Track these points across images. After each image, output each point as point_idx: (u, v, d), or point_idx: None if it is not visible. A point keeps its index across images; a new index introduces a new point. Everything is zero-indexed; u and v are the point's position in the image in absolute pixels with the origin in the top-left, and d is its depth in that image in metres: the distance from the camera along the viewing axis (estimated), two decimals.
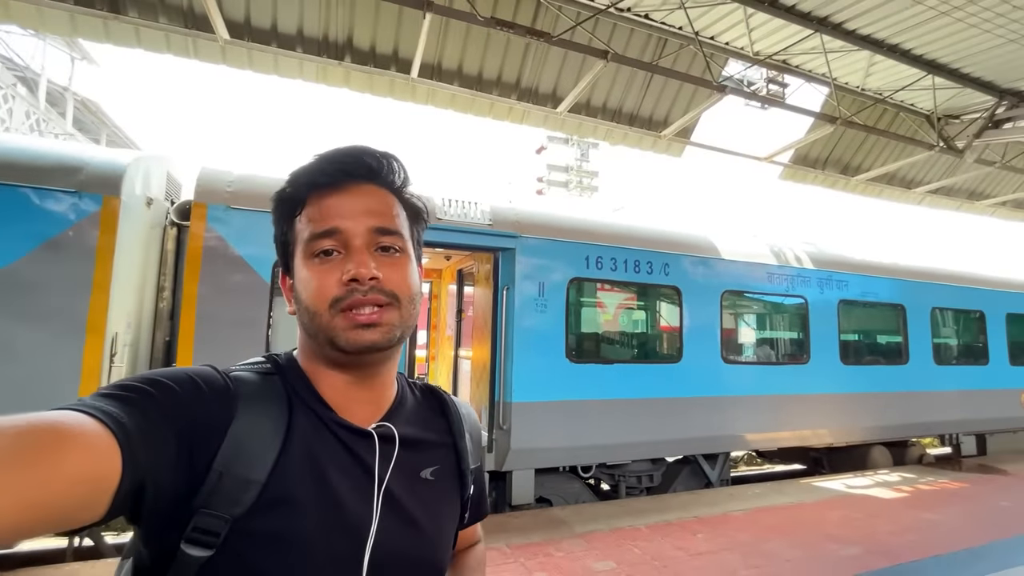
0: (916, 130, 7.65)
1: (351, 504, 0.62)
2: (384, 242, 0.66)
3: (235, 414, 0.59)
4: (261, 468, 0.58)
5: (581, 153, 32.61)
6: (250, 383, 0.63)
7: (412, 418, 0.74)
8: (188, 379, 0.59)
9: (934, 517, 4.77)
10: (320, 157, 0.67)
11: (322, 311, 0.63)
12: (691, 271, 5.91)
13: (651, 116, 6.77)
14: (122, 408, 0.51)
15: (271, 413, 0.62)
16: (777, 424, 6.18)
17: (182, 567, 0.54)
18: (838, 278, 6.94)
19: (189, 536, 0.54)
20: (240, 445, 0.58)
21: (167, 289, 4.32)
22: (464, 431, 0.79)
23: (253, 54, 4.97)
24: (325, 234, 0.64)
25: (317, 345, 0.65)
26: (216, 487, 0.55)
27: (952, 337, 8.02)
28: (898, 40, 5.85)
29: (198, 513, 0.55)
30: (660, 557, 3.77)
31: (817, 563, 3.69)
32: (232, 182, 4.30)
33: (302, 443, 0.62)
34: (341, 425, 0.65)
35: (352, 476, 0.63)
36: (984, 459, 7.62)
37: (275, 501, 0.58)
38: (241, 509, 0.56)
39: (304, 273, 0.65)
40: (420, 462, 0.71)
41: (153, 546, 0.56)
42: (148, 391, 0.54)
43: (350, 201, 0.66)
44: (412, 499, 0.68)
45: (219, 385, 0.61)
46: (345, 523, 0.61)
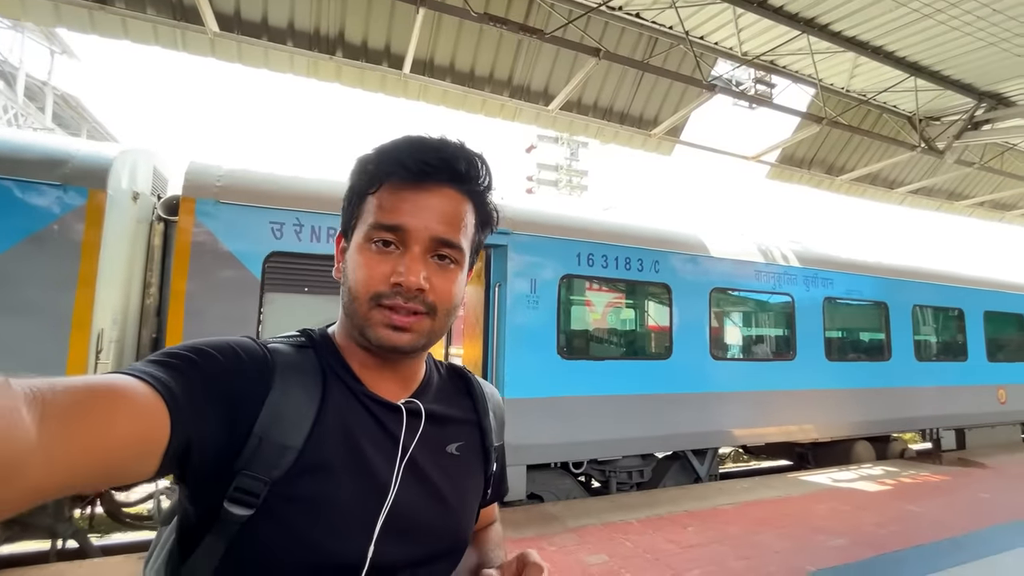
0: (899, 131, 7.81)
1: (379, 471, 0.65)
2: (442, 252, 0.67)
3: (273, 383, 0.62)
4: (297, 435, 0.61)
5: (571, 152, 32.73)
6: (286, 355, 0.66)
7: (439, 396, 0.76)
8: (230, 349, 0.62)
9: (917, 509, 4.88)
10: (410, 142, 0.66)
11: (362, 299, 0.65)
12: (681, 268, 5.97)
13: (641, 115, 6.83)
14: (170, 374, 0.54)
15: (306, 384, 0.64)
16: (764, 420, 6.27)
17: (225, 524, 0.57)
18: (823, 276, 7.06)
19: (232, 496, 0.57)
20: (278, 413, 0.60)
21: (154, 285, 4.25)
22: (489, 409, 0.81)
23: (243, 47, 4.90)
24: (388, 228, 0.65)
25: (351, 326, 0.68)
26: (256, 451, 0.58)
27: (932, 334, 8.20)
28: (882, 42, 5.98)
29: (239, 475, 0.58)
30: (652, 550, 3.81)
31: (805, 554, 3.76)
32: (221, 176, 4.25)
33: (336, 413, 0.65)
34: (372, 399, 0.68)
35: (381, 446, 0.66)
36: (963, 453, 7.81)
37: (311, 466, 0.61)
38: (279, 472, 0.59)
39: (358, 256, 0.66)
40: (446, 437, 0.74)
41: (199, 504, 0.59)
42: (193, 359, 0.58)
43: (424, 201, 0.66)
44: (437, 471, 0.70)
45: (258, 356, 0.63)
46: (372, 488, 0.64)
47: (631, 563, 3.58)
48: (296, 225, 4.35)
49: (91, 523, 4.61)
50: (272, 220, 4.28)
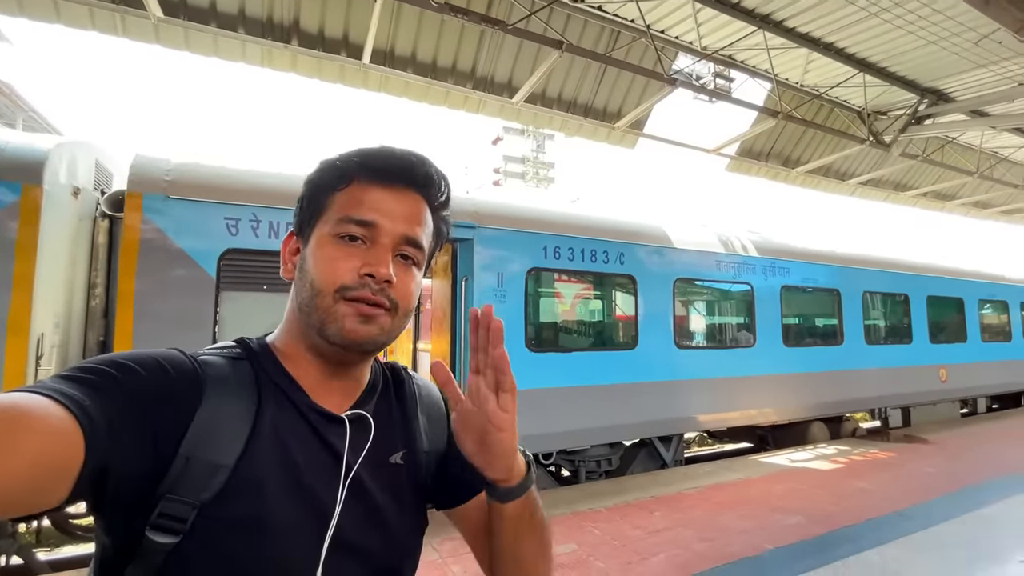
0: (849, 125, 8.14)
1: (318, 489, 0.62)
2: (407, 251, 0.67)
3: (202, 398, 0.58)
4: (229, 453, 0.57)
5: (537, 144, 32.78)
6: (218, 367, 0.62)
7: (382, 402, 0.73)
8: (154, 362, 0.57)
9: (867, 485, 5.16)
10: (383, 148, 0.69)
11: (326, 293, 0.63)
12: (645, 260, 6.07)
13: (605, 108, 6.88)
14: (84, 391, 0.50)
15: (240, 398, 0.61)
16: (726, 405, 6.49)
17: (148, 554, 0.53)
18: (780, 265, 7.32)
19: (155, 523, 0.53)
20: (207, 430, 0.57)
21: (99, 285, 4.03)
22: (419, 411, 0.77)
23: (190, 34, 4.64)
24: (361, 222, 0.64)
25: (307, 324, 0.65)
26: (183, 472, 0.55)
27: (880, 319, 8.64)
28: (833, 39, 6.20)
29: (164, 499, 0.54)
30: (620, 537, 3.89)
31: (765, 533, 3.92)
32: (170, 170, 4.05)
33: (271, 428, 0.61)
34: (313, 409, 0.65)
35: (321, 462, 0.63)
36: (909, 430, 8.29)
37: (244, 486, 0.57)
38: (209, 494, 0.55)
39: (322, 249, 0.65)
40: (390, 447, 0.71)
41: (117, 534, 0.55)
42: (112, 374, 0.53)
43: (395, 201, 0.67)
44: (378, 485, 0.67)
45: (186, 369, 0.59)
46: (312, 509, 0.61)
47: (599, 550, 3.65)
48: (253, 221, 4.19)
49: (38, 537, 4.38)
50: (227, 216, 4.12)
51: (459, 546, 3.72)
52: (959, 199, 12.31)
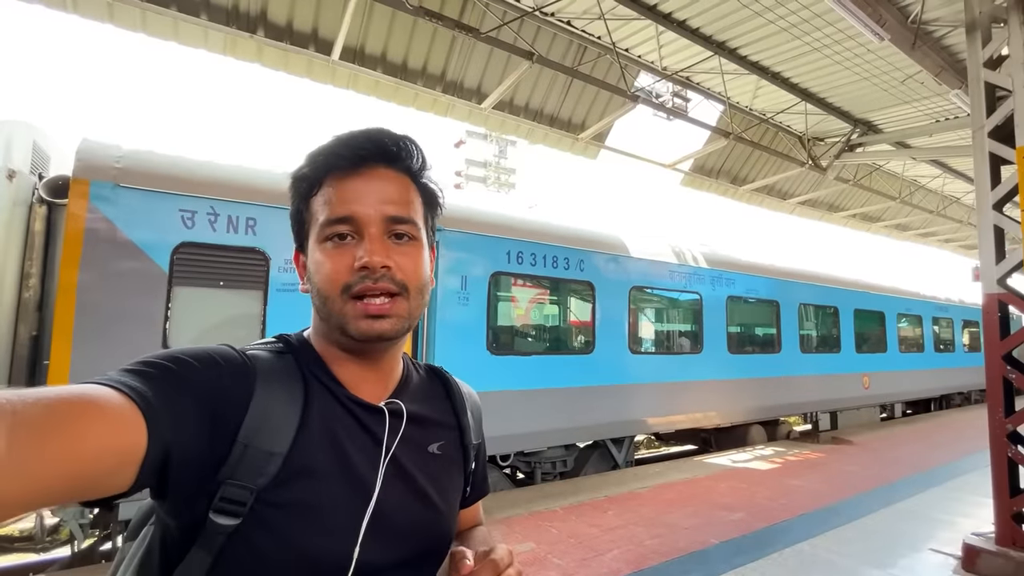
0: (791, 148, 8.76)
1: (363, 473, 0.65)
2: (398, 230, 0.67)
3: (254, 390, 0.61)
4: (283, 441, 0.61)
5: (500, 150, 32.94)
6: (267, 360, 0.65)
7: (418, 396, 0.77)
8: (208, 356, 0.60)
9: (800, 483, 5.57)
10: (338, 139, 0.68)
11: (334, 296, 0.65)
12: (604, 267, 6.28)
13: (570, 119, 7.08)
14: (146, 383, 0.53)
15: (288, 389, 0.64)
16: (675, 408, 6.78)
17: (211, 535, 0.57)
18: (727, 276, 7.75)
19: (217, 506, 0.57)
20: (261, 419, 0.60)
21: (34, 276, 3.77)
22: (467, 408, 0.83)
23: (147, 15, 4.41)
24: (340, 220, 0.65)
25: (328, 328, 0.67)
26: (241, 459, 0.58)
27: (813, 329, 9.30)
28: (780, 68, 6.68)
29: (225, 484, 0.57)
30: (576, 535, 4.02)
31: (710, 528, 4.16)
32: (121, 157, 3.83)
33: (319, 417, 0.65)
34: (354, 401, 0.68)
35: (364, 448, 0.67)
36: (836, 432, 8.95)
37: (297, 472, 0.61)
38: (265, 479, 0.59)
39: (317, 256, 0.66)
40: (427, 437, 0.74)
41: (182, 517, 0.58)
42: (170, 367, 0.56)
43: (367, 186, 0.66)
44: (419, 470, 0.71)
45: (237, 362, 0.62)
46: (358, 491, 0.64)
47: (557, 548, 3.76)
48: (210, 214, 4.03)
49: None
50: (182, 208, 3.94)
51: None
52: (883, 221, 13.47)
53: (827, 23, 5.52)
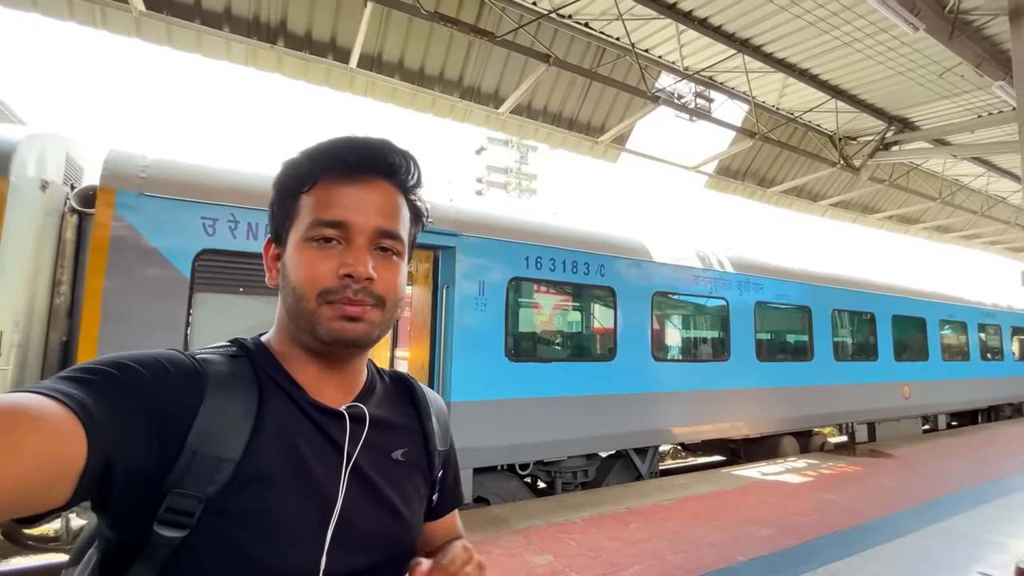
0: (821, 148, 8.46)
1: (322, 480, 0.63)
2: (385, 244, 0.67)
3: (204, 395, 0.59)
4: (234, 447, 0.58)
5: (520, 156, 33.02)
6: (218, 364, 0.63)
7: (382, 402, 0.75)
8: (155, 361, 0.58)
9: (834, 498, 5.28)
10: (342, 141, 0.67)
11: (309, 297, 0.63)
12: (625, 273, 6.15)
13: (589, 122, 6.99)
14: (86, 390, 0.50)
15: (241, 394, 0.61)
16: (701, 418, 6.57)
17: (155, 548, 0.54)
18: (755, 281, 7.50)
19: (162, 517, 0.54)
20: (212, 425, 0.58)
21: (65, 283, 3.88)
22: (431, 415, 0.80)
23: (173, 29, 4.56)
24: (331, 223, 0.64)
25: (297, 329, 0.65)
26: (189, 467, 0.55)
27: (848, 336, 8.92)
28: (808, 65, 6.46)
29: (171, 494, 0.54)
30: (595, 548, 3.89)
31: (738, 544, 3.97)
32: (146, 167, 3.94)
33: (274, 422, 0.62)
34: (313, 405, 0.66)
35: (323, 454, 0.64)
36: (874, 445, 8.53)
37: (250, 479, 0.58)
38: (215, 488, 0.56)
39: (299, 255, 0.64)
40: (391, 443, 0.72)
41: (123, 530, 0.55)
42: (112, 373, 0.54)
43: (362, 195, 0.66)
44: (382, 477, 0.68)
45: (187, 367, 0.60)
46: (316, 499, 0.62)
47: (575, 562, 3.64)
48: (231, 221, 4.10)
49: None
50: (204, 215, 4.02)
51: None
52: (922, 223, 12.87)
53: (857, 15, 5.30)
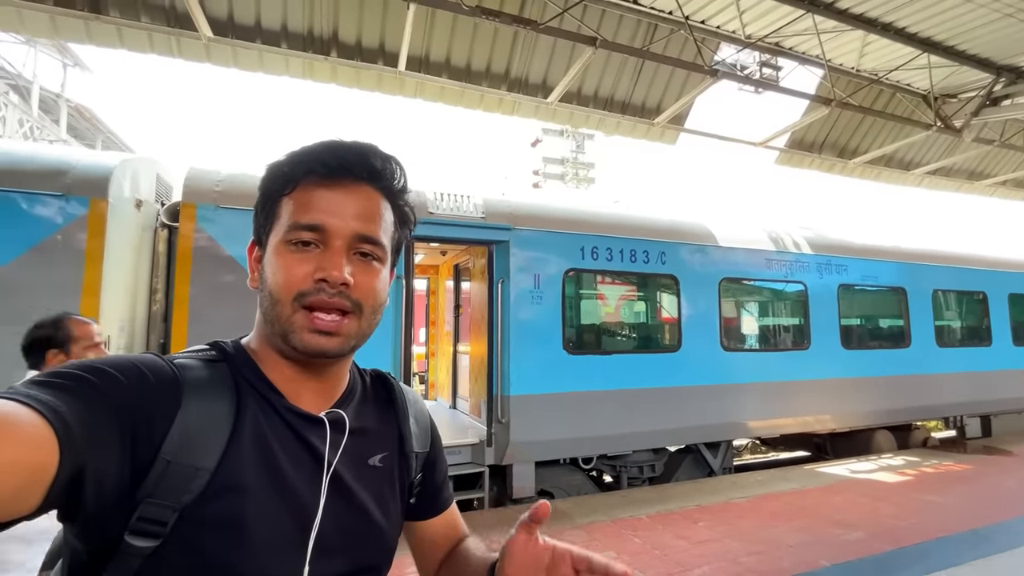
0: (913, 110, 7.55)
1: (300, 488, 0.62)
2: (364, 249, 0.66)
3: (181, 401, 0.58)
4: (210, 455, 0.57)
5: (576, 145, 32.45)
6: (196, 370, 0.62)
7: (362, 406, 0.74)
8: (131, 366, 0.57)
9: (938, 499, 4.73)
10: (325, 145, 0.66)
11: (285, 302, 0.62)
12: (688, 259, 5.87)
13: (643, 103, 6.70)
14: (58, 396, 0.49)
15: (219, 400, 0.61)
16: (778, 411, 6.15)
17: (125, 557, 0.53)
18: (837, 263, 6.90)
19: (134, 527, 0.53)
20: (188, 433, 0.57)
21: (160, 291, 4.28)
22: (408, 415, 0.79)
23: (238, 51, 4.91)
24: (308, 227, 0.63)
25: (271, 333, 0.65)
26: (163, 476, 0.54)
27: (954, 319, 7.97)
28: (891, 18, 5.76)
29: (143, 503, 0.53)
30: (661, 546, 3.74)
31: (820, 548, 3.66)
32: (220, 181, 4.27)
33: (251, 429, 0.61)
34: (292, 411, 0.65)
35: (301, 461, 0.63)
36: (989, 441, 7.58)
37: (225, 487, 0.57)
38: (190, 497, 0.55)
39: (276, 258, 0.64)
40: (368, 449, 0.71)
41: (91, 540, 0.54)
42: (87, 379, 0.52)
43: (343, 199, 0.65)
44: (359, 485, 0.68)
45: (164, 372, 0.59)
46: (295, 508, 0.61)
47: (639, 559, 3.52)
48: None
49: None
50: None
51: None
52: None
53: None
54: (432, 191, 4.85)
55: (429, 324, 7.92)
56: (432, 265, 7.54)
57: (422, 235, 4.74)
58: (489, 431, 4.80)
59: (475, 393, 5.67)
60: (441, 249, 6.34)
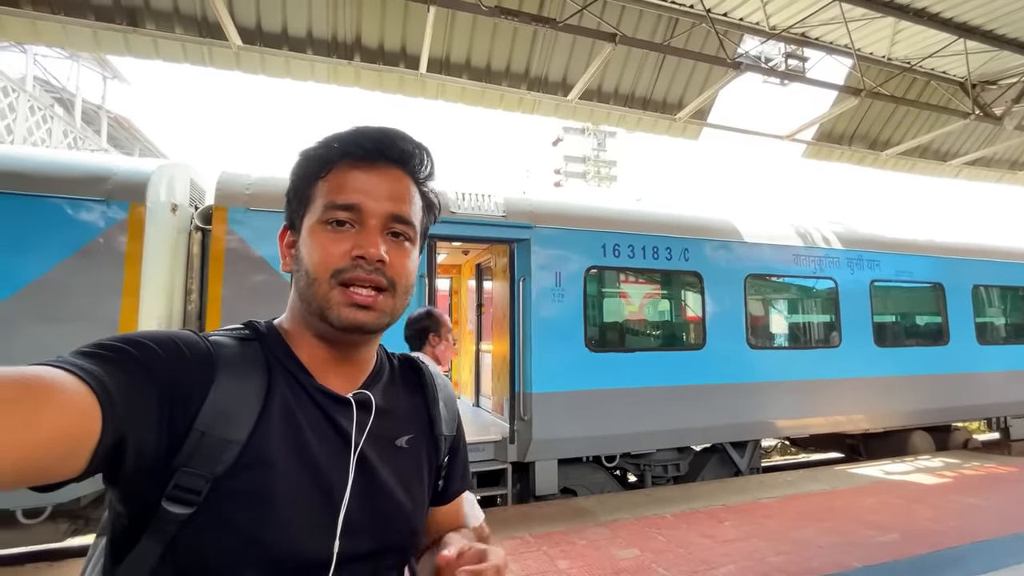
0: (949, 99, 7.26)
1: (327, 467, 0.64)
2: (397, 228, 0.68)
3: (215, 377, 0.60)
4: (241, 429, 0.59)
5: (598, 143, 32.18)
6: (230, 347, 0.64)
7: (389, 388, 0.75)
8: (170, 341, 0.59)
9: (979, 502, 4.55)
10: (358, 129, 0.69)
11: (322, 279, 0.64)
12: (712, 256, 5.78)
13: (665, 99, 6.63)
14: (103, 366, 0.51)
15: (251, 377, 0.63)
16: (807, 410, 6.00)
17: (163, 524, 0.55)
18: (869, 258, 6.69)
19: (170, 494, 0.55)
20: (221, 407, 0.59)
21: (194, 291, 4.44)
22: (438, 399, 0.80)
23: (266, 58, 5.07)
24: (345, 207, 0.65)
25: (308, 312, 0.66)
26: (197, 447, 0.57)
27: (997, 315, 7.62)
28: (924, 3, 5.56)
29: (179, 471, 0.55)
30: (685, 544, 3.71)
31: (852, 549, 3.57)
32: (251, 184, 4.41)
33: (281, 406, 0.63)
34: (320, 391, 0.67)
35: (329, 440, 0.65)
36: None
37: (255, 461, 0.59)
38: (222, 468, 0.57)
39: (312, 238, 0.66)
40: (396, 430, 0.73)
41: (133, 504, 0.57)
42: (129, 351, 0.55)
43: (377, 181, 0.67)
44: (386, 465, 0.69)
45: (200, 348, 0.61)
46: (321, 485, 0.63)
47: (663, 557, 3.49)
48: None
49: None
50: None
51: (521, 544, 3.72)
52: None
53: None
54: (454, 190, 4.91)
55: (452, 323, 8.00)
56: (455, 265, 7.61)
57: (444, 234, 4.80)
58: (511, 428, 4.83)
59: (497, 391, 5.70)
60: (463, 248, 6.40)
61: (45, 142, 11.35)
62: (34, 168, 3.80)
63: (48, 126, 11.62)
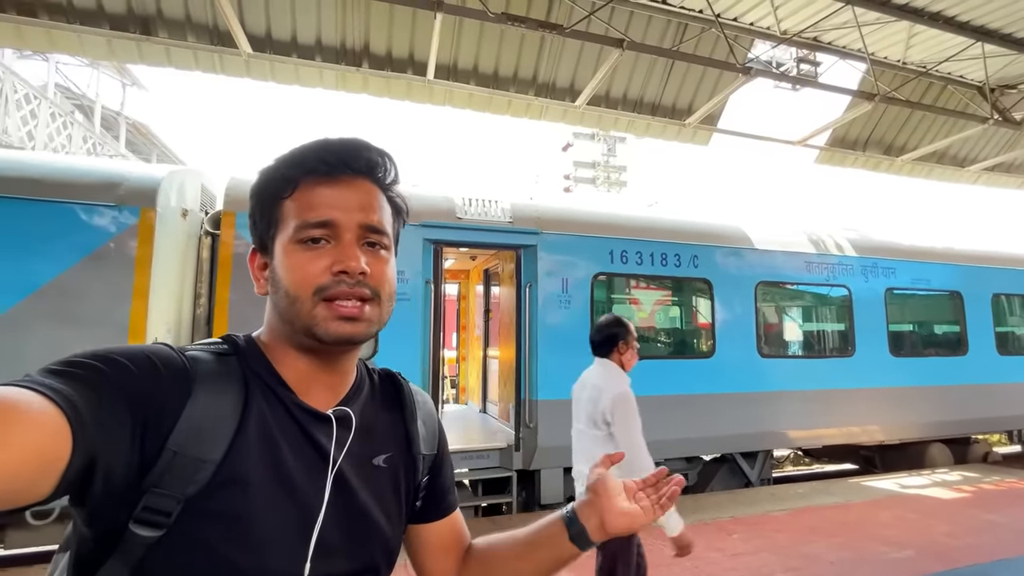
0: (967, 103, 7.12)
1: (304, 485, 0.62)
2: (372, 238, 0.68)
3: (191, 394, 0.59)
4: (216, 447, 0.57)
5: (608, 148, 32.05)
6: (206, 363, 0.62)
7: (368, 403, 0.74)
8: (143, 357, 0.57)
9: (998, 519, 4.40)
10: (319, 143, 0.68)
11: (305, 298, 0.63)
12: (722, 263, 5.71)
13: (674, 104, 6.58)
14: (72, 385, 0.50)
15: (227, 393, 0.61)
16: (820, 420, 5.88)
17: (130, 547, 0.53)
18: (884, 265, 6.56)
19: (139, 516, 0.53)
20: (195, 425, 0.57)
21: (203, 296, 4.47)
22: (417, 416, 0.78)
23: (275, 66, 5.13)
24: (319, 224, 0.64)
25: (292, 331, 0.65)
26: (169, 466, 0.55)
27: (1019, 325, 7.43)
28: (939, 7, 5.46)
29: (149, 492, 0.54)
30: (692, 557, 3.61)
31: (865, 566, 3.47)
32: None
33: (258, 424, 0.62)
34: (299, 406, 0.66)
35: (306, 457, 0.64)
36: None
37: (229, 480, 0.57)
38: (195, 488, 0.55)
39: (288, 258, 0.64)
40: (374, 448, 0.71)
41: (98, 526, 0.55)
42: (100, 368, 0.53)
43: (346, 194, 0.67)
44: (363, 484, 0.68)
45: (175, 364, 0.60)
46: (297, 503, 0.61)
47: (669, 571, 3.42)
48: None
49: None
50: None
51: None
52: None
53: None
54: (460, 196, 4.91)
55: (460, 328, 8.00)
56: (463, 270, 7.61)
57: (450, 240, 4.80)
58: (517, 436, 4.79)
59: (504, 397, 5.67)
60: (471, 254, 6.40)
61: (65, 148, 11.61)
62: (47, 174, 3.87)
63: (68, 132, 11.88)
